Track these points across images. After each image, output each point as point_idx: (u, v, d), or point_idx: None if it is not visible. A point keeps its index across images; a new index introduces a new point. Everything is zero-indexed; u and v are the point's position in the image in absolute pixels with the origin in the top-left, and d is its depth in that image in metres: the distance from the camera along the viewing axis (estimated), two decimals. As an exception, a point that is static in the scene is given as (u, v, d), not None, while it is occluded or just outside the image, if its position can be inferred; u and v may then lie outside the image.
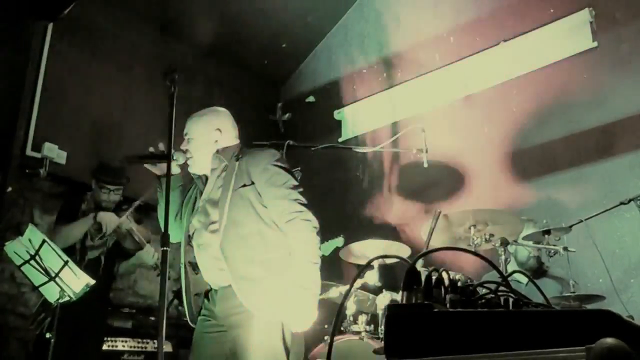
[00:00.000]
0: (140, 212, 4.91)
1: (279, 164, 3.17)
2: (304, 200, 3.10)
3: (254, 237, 3.05)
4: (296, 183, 3.15)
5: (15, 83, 5.40)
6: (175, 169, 3.21)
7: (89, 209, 4.66)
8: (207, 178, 3.26)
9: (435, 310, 1.32)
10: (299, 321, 2.92)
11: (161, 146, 3.14)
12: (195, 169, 3.24)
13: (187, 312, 3.24)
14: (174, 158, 3.10)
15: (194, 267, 3.28)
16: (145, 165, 3.22)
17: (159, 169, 3.21)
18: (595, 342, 1.06)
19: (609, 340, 1.05)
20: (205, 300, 3.24)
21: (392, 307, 1.38)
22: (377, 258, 1.61)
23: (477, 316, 1.27)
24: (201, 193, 3.27)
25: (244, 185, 3.09)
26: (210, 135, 3.25)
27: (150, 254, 4.63)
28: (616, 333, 1.07)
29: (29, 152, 5.33)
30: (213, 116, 3.33)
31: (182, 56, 6.31)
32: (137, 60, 6.29)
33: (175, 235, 3.34)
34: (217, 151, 3.23)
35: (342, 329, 4.16)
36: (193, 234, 3.25)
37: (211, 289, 3.22)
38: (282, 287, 2.98)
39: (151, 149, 3.17)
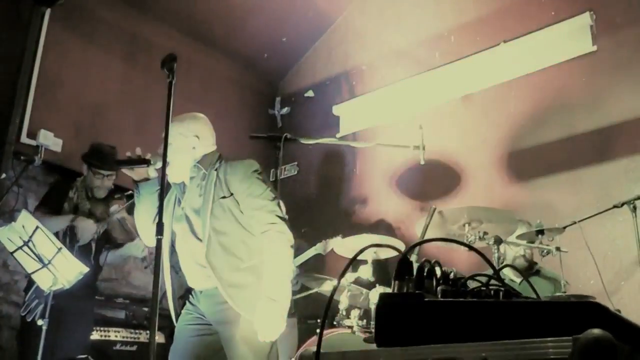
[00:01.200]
0: (131, 200, 4.88)
1: (257, 175, 3.17)
2: (281, 213, 3.12)
3: (238, 246, 3.09)
4: (274, 195, 3.16)
5: (11, 69, 5.38)
6: (152, 173, 3.20)
7: (79, 195, 4.62)
8: (184, 185, 3.27)
9: (426, 299, 1.33)
10: (267, 331, 2.92)
11: (138, 151, 3.13)
12: (173, 175, 3.21)
13: (172, 314, 3.26)
14: (152, 162, 3.10)
15: (176, 269, 3.30)
16: (123, 170, 3.22)
17: (136, 173, 3.19)
18: (582, 332, 1.07)
19: (596, 331, 1.06)
20: (190, 297, 3.26)
21: (383, 296, 1.39)
22: (370, 246, 1.62)
23: (467, 306, 1.28)
24: (179, 200, 3.28)
25: (224, 197, 3.11)
26: (188, 141, 3.23)
27: (139, 247, 4.55)
28: (603, 324, 1.08)
29: (24, 139, 5.32)
30: (191, 122, 3.30)
31: (180, 47, 6.30)
32: (134, 48, 6.28)
33: (153, 239, 3.34)
34: (196, 161, 3.23)
35: (334, 323, 4.16)
36: (174, 239, 3.28)
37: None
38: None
39: (128, 154, 3.14)
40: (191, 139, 3.23)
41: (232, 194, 3.12)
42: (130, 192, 4.75)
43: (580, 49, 5.26)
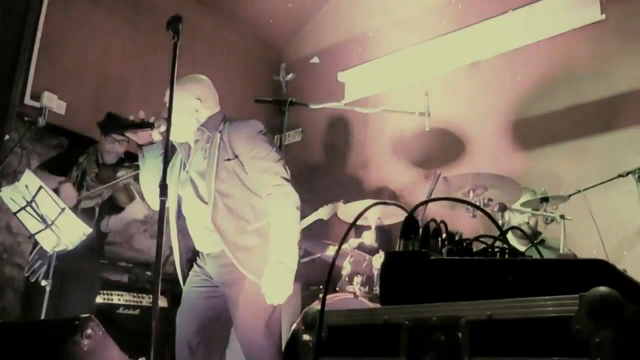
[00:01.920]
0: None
1: (261, 135, 3.16)
2: (285, 174, 3.09)
3: (244, 208, 3.07)
4: (279, 156, 3.13)
5: (14, 30, 5.33)
6: (157, 137, 3.19)
7: (88, 160, 4.63)
8: (189, 148, 3.26)
9: (432, 257, 1.33)
10: (274, 294, 2.90)
11: (142, 114, 3.12)
12: (176, 136, 3.18)
13: (180, 276, 3.26)
14: (156, 126, 3.09)
15: (183, 233, 3.30)
16: (127, 134, 3.20)
17: (140, 137, 3.16)
18: (588, 290, 1.07)
19: (602, 289, 1.06)
20: (197, 259, 3.27)
21: (389, 254, 1.39)
22: (377, 204, 1.61)
23: (472, 264, 1.28)
24: (184, 165, 3.26)
25: (228, 159, 3.09)
26: (190, 103, 3.21)
27: (139, 208, 4.57)
28: (609, 283, 1.08)
29: (27, 101, 5.28)
30: (193, 84, 3.28)
31: (185, 11, 6.22)
32: (139, 10, 6.20)
33: (156, 203, 3.35)
34: (200, 124, 3.21)
35: (337, 289, 4.18)
36: (181, 203, 3.27)
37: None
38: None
39: (132, 117, 3.13)
40: (193, 102, 3.21)
41: (236, 156, 3.10)
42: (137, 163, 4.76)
43: (589, 18, 5.20)
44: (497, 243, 1.48)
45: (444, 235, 1.51)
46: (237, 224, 3.04)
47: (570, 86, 5.18)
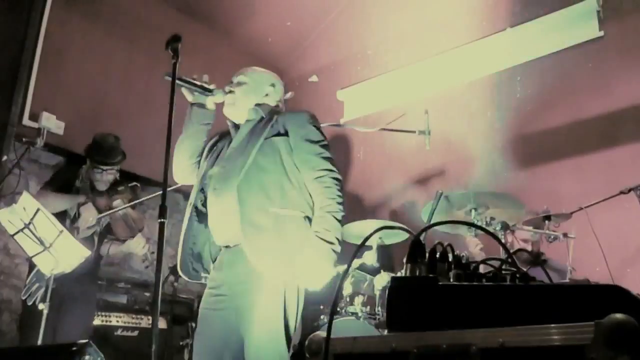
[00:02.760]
0: (135, 193, 4.82)
1: (316, 123, 3.15)
2: (334, 162, 3.07)
3: (274, 188, 2.97)
4: (328, 147, 3.13)
5: (13, 50, 5.33)
6: (210, 105, 3.18)
7: (82, 186, 4.59)
8: (237, 127, 3.22)
9: (441, 283, 1.29)
10: (314, 277, 2.82)
11: (205, 77, 3.11)
12: (233, 112, 3.18)
13: (179, 261, 3.13)
14: (213, 94, 3.09)
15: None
16: (182, 90, 3.11)
17: (192, 96, 3.14)
18: (603, 317, 1.04)
19: (619, 316, 1.03)
20: (212, 265, 3.14)
21: (395, 279, 1.36)
22: (382, 229, 1.58)
23: (483, 290, 1.24)
24: (229, 144, 3.20)
25: (278, 134, 3.04)
26: (264, 86, 3.25)
27: (140, 245, 4.52)
28: (624, 308, 1.05)
29: (26, 121, 5.27)
30: (271, 74, 3.36)
31: (184, 30, 6.22)
32: (138, 30, 6.21)
33: (185, 177, 3.33)
34: (257, 104, 3.18)
35: (338, 309, 4.14)
36: (210, 180, 3.14)
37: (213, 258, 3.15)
38: (291, 247, 2.89)
39: (195, 76, 3.10)
40: (267, 87, 3.26)
41: (287, 133, 3.05)
42: (134, 183, 4.71)
43: (587, 34, 5.22)
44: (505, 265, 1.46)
45: (450, 258, 1.48)
46: (260, 199, 2.93)
47: (570, 102, 5.19)
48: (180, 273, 3.14)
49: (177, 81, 2.93)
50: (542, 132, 5.30)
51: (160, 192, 2.67)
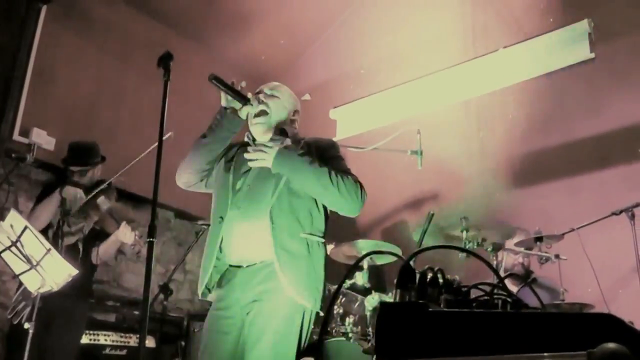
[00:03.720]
0: (118, 192, 4.76)
1: (339, 149, 3.23)
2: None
3: (304, 213, 2.96)
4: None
5: (5, 66, 5.32)
6: (242, 114, 3.07)
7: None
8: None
9: (431, 309, 1.27)
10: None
11: (243, 84, 3.05)
12: (263, 127, 3.11)
13: (206, 277, 2.99)
14: (251, 103, 3.02)
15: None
16: (219, 89, 3.02)
17: (226, 100, 3.05)
18: (596, 346, 1.03)
19: (611, 345, 1.02)
20: (221, 282, 3.03)
21: (384, 305, 1.33)
22: (371, 253, 1.56)
23: (474, 317, 1.22)
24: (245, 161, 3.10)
25: (310, 157, 3.01)
26: (293, 107, 3.24)
27: (127, 232, 4.43)
28: (617, 338, 1.04)
29: (16, 137, 5.26)
30: (297, 100, 3.33)
31: (176, 47, 6.21)
32: (131, 46, 6.21)
33: (192, 181, 3.21)
34: (283, 126, 3.15)
35: (328, 329, 4.10)
36: (234, 196, 3.04)
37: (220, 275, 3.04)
38: (320, 273, 2.93)
39: (233, 81, 3.03)
40: (294, 110, 3.25)
41: (319, 158, 3.03)
42: (114, 179, 4.63)
43: (579, 56, 5.26)
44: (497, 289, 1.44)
45: (441, 282, 1.46)
46: (293, 225, 2.90)
47: (562, 124, 5.21)
48: (199, 290, 3.04)
49: (216, 83, 2.91)
50: (534, 153, 5.32)
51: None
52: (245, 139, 3.21)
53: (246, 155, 3.00)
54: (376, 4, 6.87)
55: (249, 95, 3.03)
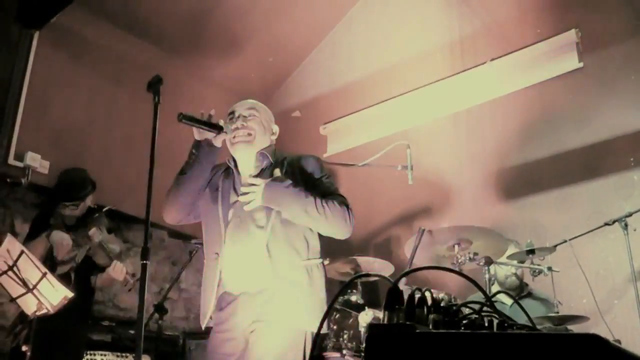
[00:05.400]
0: (111, 219, 4.77)
1: (323, 166, 3.19)
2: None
3: (300, 239, 2.96)
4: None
5: (-1, 91, 5.36)
6: (218, 143, 3.07)
7: (56, 223, 4.53)
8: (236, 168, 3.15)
9: (418, 330, 1.29)
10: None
11: (212, 112, 3.01)
12: (249, 151, 3.10)
13: (208, 311, 3.01)
14: (225, 131, 3.00)
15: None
16: (194, 127, 3.01)
17: (200, 134, 3.03)
18: (581, 367, 1.04)
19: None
20: (219, 312, 3.03)
21: (373, 327, 1.35)
22: (358, 277, 1.58)
23: (460, 337, 1.24)
24: (234, 187, 3.10)
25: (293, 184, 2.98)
26: (271, 123, 3.23)
27: (118, 270, 4.44)
28: (602, 358, 1.05)
29: (11, 161, 5.28)
30: (269, 111, 3.31)
31: (167, 66, 6.26)
32: (123, 69, 6.24)
33: (180, 218, 3.19)
34: (264, 148, 3.12)
35: (323, 345, 4.11)
36: (226, 226, 3.03)
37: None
38: (321, 296, 2.95)
39: (202, 112, 3.00)
40: (273, 124, 3.24)
41: (303, 182, 3.01)
42: (108, 207, 4.64)
43: (567, 66, 5.29)
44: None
45: (429, 302, 1.48)
46: (291, 255, 2.91)
47: (551, 134, 5.22)
48: (203, 323, 3.06)
49: (186, 122, 2.91)
50: (525, 165, 5.34)
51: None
52: (228, 164, 3.19)
53: (239, 198, 2.99)
54: (364, 20, 6.91)
55: (221, 122, 3.01)
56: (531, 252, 3.81)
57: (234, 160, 3.17)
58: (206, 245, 3.13)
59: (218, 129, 3.00)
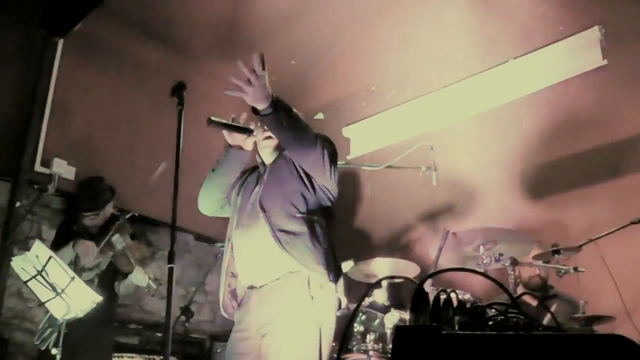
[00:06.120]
0: (134, 224, 4.82)
1: None
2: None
3: (297, 196, 3.03)
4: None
5: (25, 98, 5.44)
6: (248, 146, 3.16)
7: (79, 231, 4.59)
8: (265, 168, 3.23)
9: (444, 332, 1.30)
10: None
11: (244, 116, 3.11)
12: (271, 153, 3.21)
13: (220, 299, 3.12)
14: (254, 134, 3.09)
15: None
16: (223, 131, 3.13)
17: (232, 138, 3.14)
18: (607, 367, 1.05)
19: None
20: (237, 310, 3.12)
21: (399, 329, 1.37)
22: (384, 279, 1.60)
23: (485, 339, 1.25)
24: (257, 179, 3.22)
25: None
26: None
27: (140, 276, 4.50)
28: (628, 358, 1.05)
29: (38, 167, 5.36)
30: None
31: (191, 73, 6.30)
32: (145, 76, 6.30)
33: (213, 209, 3.34)
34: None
35: (349, 347, 4.12)
36: (241, 216, 3.14)
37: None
38: (320, 248, 2.95)
39: (233, 116, 3.11)
40: None
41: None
42: (131, 214, 4.69)
43: (590, 64, 5.22)
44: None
45: (455, 303, 1.49)
46: (287, 208, 2.98)
47: (575, 132, 5.17)
48: (222, 311, 3.15)
49: (217, 126, 2.97)
50: (549, 164, 5.29)
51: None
52: (257, 159, 3.31)
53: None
54: (384, 20, 6.89)
55: (251, 125, 3.09)
56: (556, 252, 3.79)
57: (261, 158, 3.29)
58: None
59: (247, 131, 3.06)
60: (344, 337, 1.53)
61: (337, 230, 3.23)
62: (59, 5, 5.54)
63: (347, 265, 4.45)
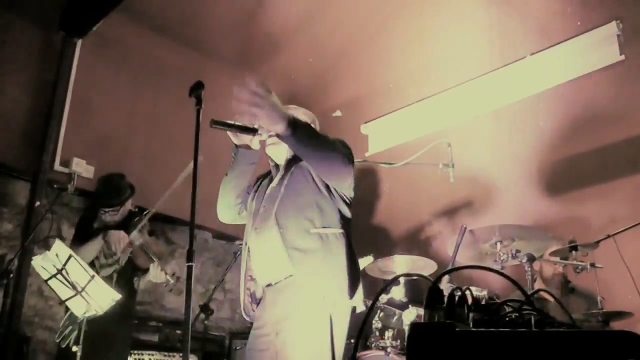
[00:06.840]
0: (153, 221, 4.85)
1: None
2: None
3: (311, 208, 2.99)
4: None
5: (45, 99, 5.50)
6: (255, 145, 3.11)
7: (99, 227, 4.63)
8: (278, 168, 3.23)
9: (458, 329, 1.31)
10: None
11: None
12: (277, 151, 3.20)
13: (241, 302, 3.14)
14: (259, 132, 3.01)
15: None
16: (228, 133, 3.08)
17: (238, 139, 3.09)
18: (620, 363, 1.05)
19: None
20: (257, 309, 3.14)
21: (414, 326, 1.38)
22: (400, 276, 1.61)
23: (499, 336, 1.26)
24: (270, 183, 3.22)
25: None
26: (308, 119, 3.26)
27: (157, 273, 4.52)
28: (638, 354, 1.06)
29: (57, 167, 5.43)
30: (309, 112, 3.40)
31: (209, 72, 6.34)
32: (163, 74, 6.35)
33: (231, 216, 3.35)
34: None
35: (367, 344, 4.14)
36: (254, 219, 3.15)
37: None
38: (339, 266, 2.93)
39: (237, 117, 3.01)
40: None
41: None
42: (149, 210, 4.73)
43: (608, 59, 5.20)
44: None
45: (469, 300, 1.50)
46: (300, 223, 2.95)
47: (593, 128, 5.15)
48: (243, 314, 3.16)
49: (221, 127, 2.97)
50: (567, 160, 5.27)
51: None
52: (270, 163, 3.30)
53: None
54: (402, 18, 6.88)
55: (256, 125, 3.03)
56: (574, 248, 3.78)
57: (273, 160, 3.27)
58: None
59: (252, 131, 3.04)
60: (359, 334, 1.53)
61: (356, 227, 3.23)
62: (78, 7, 5.60)
63: (366, 261, 4.47)
